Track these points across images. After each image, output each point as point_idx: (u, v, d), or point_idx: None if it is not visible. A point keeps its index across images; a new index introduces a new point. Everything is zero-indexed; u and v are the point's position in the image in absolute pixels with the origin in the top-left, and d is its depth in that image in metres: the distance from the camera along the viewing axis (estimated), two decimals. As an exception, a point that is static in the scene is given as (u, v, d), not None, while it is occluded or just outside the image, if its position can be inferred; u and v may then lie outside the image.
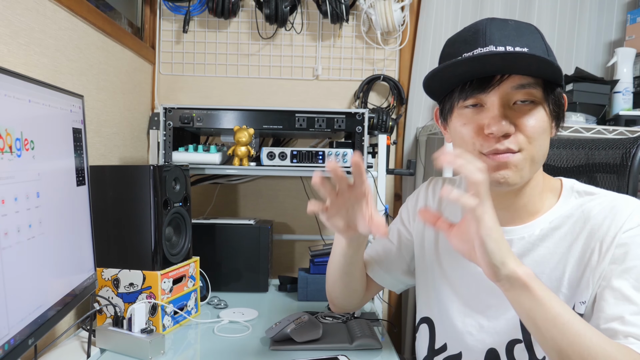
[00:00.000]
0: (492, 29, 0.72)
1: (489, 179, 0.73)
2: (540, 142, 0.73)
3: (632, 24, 1.86)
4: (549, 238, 0.78)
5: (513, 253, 0.66)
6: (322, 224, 1.98)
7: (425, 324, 0.94)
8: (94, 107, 1.39)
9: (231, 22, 1.93)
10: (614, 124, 1.71)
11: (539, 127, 0.72)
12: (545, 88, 0.73)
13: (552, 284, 0.76)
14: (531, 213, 0.80)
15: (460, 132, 0.76)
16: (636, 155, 0.96)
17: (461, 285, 0.86)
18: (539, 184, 0.80)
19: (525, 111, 0.72)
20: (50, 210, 0.83)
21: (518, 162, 0.72)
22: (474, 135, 0.74)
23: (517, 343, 0.79)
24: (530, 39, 0.72)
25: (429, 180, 1.01)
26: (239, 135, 1.45)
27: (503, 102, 0.72)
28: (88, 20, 1.33)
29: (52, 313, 0.83)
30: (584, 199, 0.78)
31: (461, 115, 0.76)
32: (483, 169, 0.63)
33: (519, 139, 0.71)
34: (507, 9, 1.94)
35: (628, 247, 0.71)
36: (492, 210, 0.65)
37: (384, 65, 1.97)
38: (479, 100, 0.74)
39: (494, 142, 0.72)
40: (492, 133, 0.71)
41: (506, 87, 0.71)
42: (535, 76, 0.72)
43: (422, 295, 0.96)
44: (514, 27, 0.73)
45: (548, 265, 0.77)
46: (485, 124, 0.72)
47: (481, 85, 0.72)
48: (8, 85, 0.70)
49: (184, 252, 1.28)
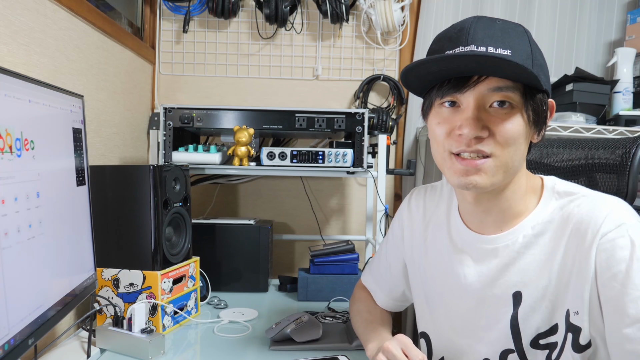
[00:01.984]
0: (477, 28, 0.70)
1: (457, 183, 0.73)
2: (514, 148, 0.71)
3: (632, 24, 1.86)
4: (534, 245, 0.77)
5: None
6: (321, 223, 1.98)
7: (422, 338, 0.94)
8: (94, 107, 1.39)
9: (231, 22, 1.93)
10: (614, 124, 1.71)
11: (514, 133, 0.70)
12: (525, 93, 0.71)
13: (539, 293, 0.75)
14: (514, 216, 0.78)
15: (434, 131, 0.76)
16: (636, 155, 0.96)
17: (454, 297, 0.86)
18: (521, 186, 0.78)
19: (501, 115, 0.70)
20: (50, 210, 0.83)
21: (489, 169, 0.71)
22: (445, 135, 0.73)
23: (510, 353, 0.78)
24: (515, 40, 0.70)
25: (410, 193, 1.01)
26: (239, 135, 1.45)
27: (478, 103, 0.70)
28: (88, 20, 1.33)
29: (52, 313, 0.83)
30: (564, 200, 0.76)
31: (437, 114, 0.75)
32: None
33: (492, 143, 0.70)
34: (507, 9, 1.94)
35: (612, 253, 0.68)
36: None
37: (384, 65, 1.97)
38: (455, 99, 0.73)
39: (464, 144, 0.71)
40: (462, 134, 0.70)
41: (482, 88, 0.70)
42: (512, 80, 0.70)
43: (418, 310, 0.96)
44: (500, 27, 0.71)
45: (534, 273, 0.76)
46: (457, 125, 0.71)
47: (457, 85, 0.71)
48: (8, 85, 0.70)
49: (184, 252, 1.28)
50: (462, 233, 0.85)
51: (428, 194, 0.97)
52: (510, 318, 0.77)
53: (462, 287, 0.83)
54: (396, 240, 1.01)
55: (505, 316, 0.78)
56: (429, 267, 0.91)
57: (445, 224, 0.89)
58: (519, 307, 0.77)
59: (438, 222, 0.91)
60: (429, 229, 0.93)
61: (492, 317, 0.80)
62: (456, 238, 0.86)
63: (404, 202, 1.01)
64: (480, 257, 0.81)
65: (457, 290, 0.84)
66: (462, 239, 0.85)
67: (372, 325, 0.98)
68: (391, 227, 1.04)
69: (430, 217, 0.93)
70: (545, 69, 0.74)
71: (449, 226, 0.88)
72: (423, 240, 0.93)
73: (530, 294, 0.76)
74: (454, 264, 0.85)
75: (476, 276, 0.81)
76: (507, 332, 0.78)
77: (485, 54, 0.67)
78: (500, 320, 0.79)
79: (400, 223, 1.00)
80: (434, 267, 0.90)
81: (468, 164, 0.71)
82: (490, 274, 0.80)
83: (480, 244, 0.81)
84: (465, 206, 0.84)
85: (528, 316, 0.76)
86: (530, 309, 0.76)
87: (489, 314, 0.80)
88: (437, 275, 0.89)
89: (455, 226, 0.87)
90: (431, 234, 0.92)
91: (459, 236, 0.85)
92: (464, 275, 0.83)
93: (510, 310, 0.78)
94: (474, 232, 0.82)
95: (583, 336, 0.70)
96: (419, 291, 0.94)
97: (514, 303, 0.77)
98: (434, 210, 0.93)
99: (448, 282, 0.86)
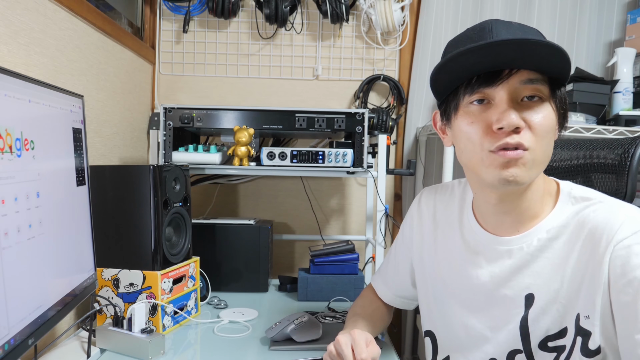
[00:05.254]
0: (498, 26, 0.71)
1: (496, 178, 0.71)
2: (547, 141, 0.72)
3: (632, 24, 1.86)
4: (548, 249, 0.76)
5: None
6: (321, 223, 1.98)
7: (428, 337, 0.95)
8: (94, 107, 1.39)
9: (231, 22, 1.93)
10: (614, 124, 1.71)
11: (547, 125, 0.70)
12: (551, 85, 0.71)
13: (551, 295, 0.75)
14: (531, 217, 0.78)
15: (467, 133, 0.73)
16: (635, 155, 0.96)
17: (464, 297, 0.86)
18: (540, 187, 0.78)
19: (533, 107, 0.70)
20: (50, 210, 0.83)
21: (527, 161, 0.70)
22: (482, 134, 0.71)
23: (518, 353, 0.78)
24: (537, 36, 0.71)
25: (420, 193, 1.01)
26: (239, 135, 1.45)
27: (511, 97, 0.70)
28: (88, 20, 1.33)
29: (52, 313, 0.83)
30: (580, 206, 0.76)
31: (467, 114, 0.73)
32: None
33: (529, 136, 0.70)
34: (507, 9, 1.94)
35: (627, 260, 0.67)
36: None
37: (384, 65, 1.97)
38: (485, 96, 0.71)
39: (504, 137, 0.69)
40: (503, 128, 0.69)
41: (514, 81, 0.70)
42: (547, 71, 0.70)
43: (424, 309, 0.96)
44: (517, 26, 0.72)
45: (547, 275, 0.76)
46: (494, 119, 0.70)
47: (489, 79, 0.70)
48: (8, 85, 0.70)
49: (184, 252, 1.28)
50: (477, 234, 0.84)
51: (439, 193, 0.96)
52: (521, 319, 0.78)
53: (473, 287, 0.84)
54: (405, 241, 1.01)
55: (516, 318, 0.78)
56: (438, 267, 0.91)
57: (457, 223, 0.89)
58: (530, 308, 0.77)
59: (449, 222, 0.91)
60: (439, 229, 0.93)
61: (503, 318, 0.80)
62: (469, 238, 0.86)
63: (414, 202, 1.01)
64: (494, 258, 0.81)
65: (468, 290, 0.85)
66: (475, 239, 0.85)
67: (355, 318, 1.00)
68: (401, 227, 1.04)
69: (440, 216, 0.93)
70: None
71: (461, 226, 0.88)
72: (433, 239, 0.93)
73: (543, 296, 0.76)
74: (466, 264, 0.85)
75: (488, 277, 0.81)
76: (517, 332, 0.78)
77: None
78: (511, 322, 0.79)
79: (410, 223, 1.00)
80: (444, 266, 0.90)
81: (510, 156, 0.69)
82: (502, 275, 0.80)
83: (495, 245, 0.81)
84: (484, 207, 0.83)
85: (538, 318, 0.76)
86: (541, 311, 0.76)
87: (500, 314, 0.80)
88: (447, 275, 0.89)
89: (469, 226, 0.87)
90: (442, 233, 0.92)
91: (473, 237, 0.85)
92: (476, 275, 0.83)
93: (521, 312, 0.78)
94: (489, 233, 0.82)
95: (593, 341, 0.70)
96: (426, 290, 0.94)
97: (526, 305, 0.77)
98: (444, 209, 0.93)
99: (459, 282, 0.86)
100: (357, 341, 0.83)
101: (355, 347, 0.82)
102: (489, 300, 0.81)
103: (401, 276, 1.03)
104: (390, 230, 1.96)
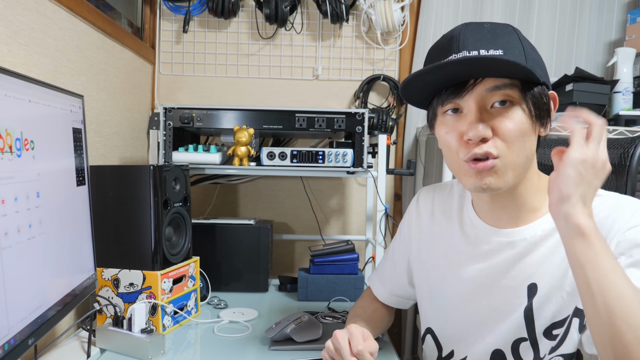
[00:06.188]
0: (466, 34, 0.72)
1: (472, 186, 0.74)
2: (520, 144, 0.72)
3: (632, 24, 1.86)
4: (550, 237, 0.78)
5: (586, 207, 0.64)
6: (321, 223, 1.98)
7: (429, 334, 0.95)
8: (94, 107, 1.39)
9: (231, 22, 1.93)
10: (614, 124, 1.71)
11: (517, 130, 0.71)
12: (523, 88, 0.72)
13: (555, 283, 0.76)
14: (530, 211, 0.80)
15: (446, 142, 0.77)
16: (634, 155, 0.96)
17: (464, 291, 0.86)
18: (534, 183, 0.79)
19: (502, 114, 0.71)
20: (50, 210, 0.83)
21: (499, 168, 0.72)
22: (457, 144, 0.74)
23: (523, 341, 0.79)
24: (505, 39, 0.72)
25: (418, 192, 1.02)
26: (239, 135, 1.45)
27: (479, 105, 0.72)
28: (88, 20, 1.33)
29: (52, 313, 0.83)
30: None
31: (443, 123, 0.77)
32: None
33: (497, 143, 0.71)
34: (507, 9, 1.94)
35: (634, 243, 0.70)
36: (596, 152, 0.64)
37: (384, 65, 1.97)
38: (456, 105, 0.74)
39: (473, 147, 0.72)
40: (470, 139, 0.71)
41: (480, 90, 0.72)
42: (509, 77, 0.71)
43: (423, 306, 0.97)
44: (489, 29, 0.73)
45: (551, 264, 0.77)
46: (464, 130, 0.72)
47: (456, 91, 0.73)
48: (8, 85, 0.70)
49: (184, 252, 1.28)
50: (478, 227, 0.86)
51: (437, 191, 0.98)
52: (525, 309, 0.78)
53: (473, 280, 0.84)
54: (403, 238, 1.02)
55: (519, 308, 0.79)
56: (437, 263, 0.92)
57: (456, 218, 0.90)
58: (534, 297, 0.78)
59: (448, 217, 0.92)
60: (437, 225, 0.94)
61: (505, 309, 0.81)
62: (469, 231, 0.87)
63: (413, 201, 1.03)
64: (495, 249, 0.82)
65: (469, 283, 0.85)
66: (476, 232, 0.86)
67: (355, 319, 1.00)
68: (400, 225, 1.05)
69: (439, 213, 0.94)
70: (540, 63, 0.75)
71: (461, 221, 0.89)
72: (431, 235, 0.94)
73: (546, 284, 0.77)
74: (466, 257, 0.86)
75: (489, 268, 0.82)
76: (521, 321, 0.79)
77: (477, 57, 0.69)
78: (514, 312, 0.79)
79: (408, 221, 1.01)
80: (443, 261, 0.91)
81: (481, 167, 0.72)
82: (504, 265, 0.81)
83: (497, 237, 0.82)
84: (481, 204, 0.85)
85: (543, 306, 0.77)
86: (545, 298, 0.77)
87: (501, 305, 0.81)
88: (446, 269, 0.90)
89: (469, 221, 0.88)
90: (440, 229, 0.93)
91: (473, 230, 0.86)
92: (476, 268, 0.84)
93: (524, 302, 0.78)
94: (491, 226, 0.84)
95: None
96: (425, 287, 0.95)
97: (529, 294, 0.78)
98: (443, 206, 0.94)
99: (458, 276, 0.87)
100: (354, 334, 0.84)
101: (351, 340, 0.83)
102: (490, 292, 0.82)
103: (398, 274, 1.03)
104: (390, 230, 1.96)
